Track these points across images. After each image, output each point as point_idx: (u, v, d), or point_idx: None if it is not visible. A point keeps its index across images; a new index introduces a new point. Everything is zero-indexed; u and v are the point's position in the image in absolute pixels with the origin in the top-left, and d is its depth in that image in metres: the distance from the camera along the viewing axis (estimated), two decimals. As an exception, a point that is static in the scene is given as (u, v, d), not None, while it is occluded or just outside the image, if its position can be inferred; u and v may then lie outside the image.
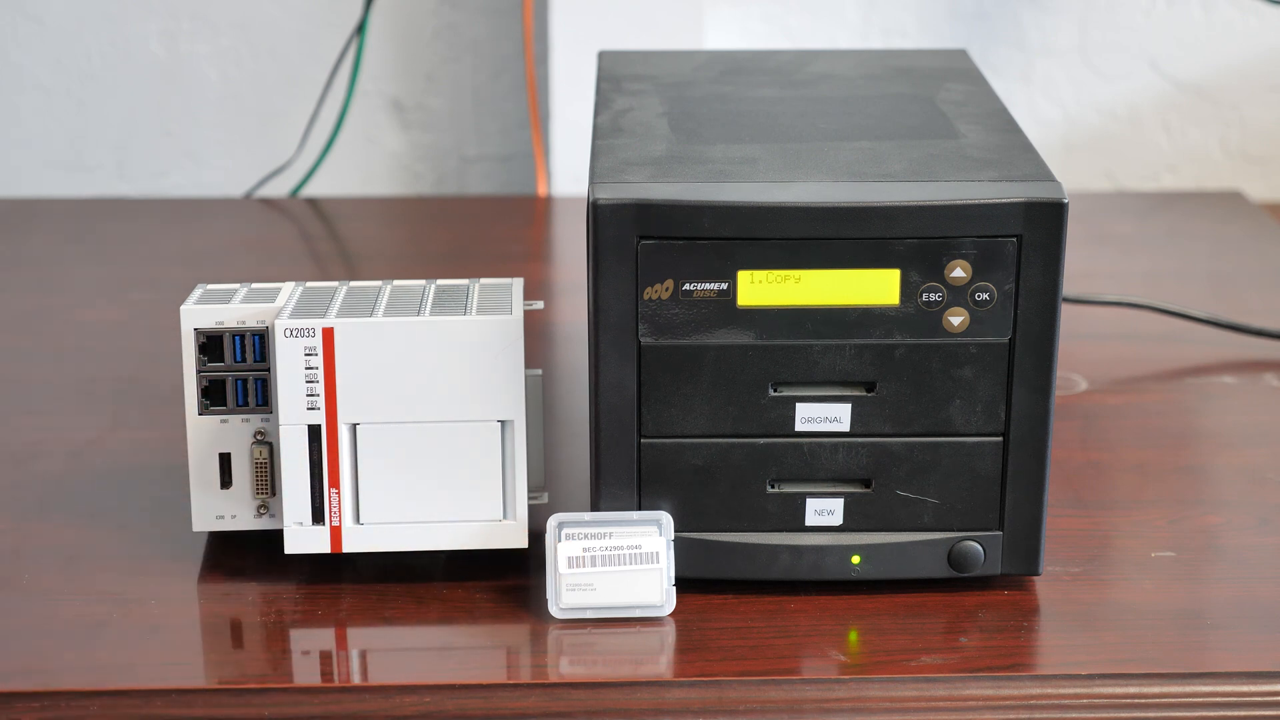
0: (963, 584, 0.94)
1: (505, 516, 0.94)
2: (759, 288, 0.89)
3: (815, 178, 0.91)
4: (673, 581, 0.91)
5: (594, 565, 0.90)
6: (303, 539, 0.94)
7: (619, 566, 0.90)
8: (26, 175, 1.73)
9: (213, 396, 0.95)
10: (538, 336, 1.30)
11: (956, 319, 0.90)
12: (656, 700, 0.86)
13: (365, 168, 1.74)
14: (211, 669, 0.88)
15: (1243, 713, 0.86)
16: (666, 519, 0.91)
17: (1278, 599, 0.94)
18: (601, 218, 0.88)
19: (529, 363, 0.94)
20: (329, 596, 0.94)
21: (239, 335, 0.94)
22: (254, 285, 0.98)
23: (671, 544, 0.91)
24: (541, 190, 1.66)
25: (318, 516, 0.93)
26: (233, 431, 0.95)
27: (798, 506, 0.93)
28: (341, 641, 0.91)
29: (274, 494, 0.96)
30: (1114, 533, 1.01)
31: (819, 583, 0.93)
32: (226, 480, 0.96)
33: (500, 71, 1.71)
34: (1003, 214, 0.88)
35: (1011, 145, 0.96)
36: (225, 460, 0.96)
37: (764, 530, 0.93)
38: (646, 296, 0.89)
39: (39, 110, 1.71)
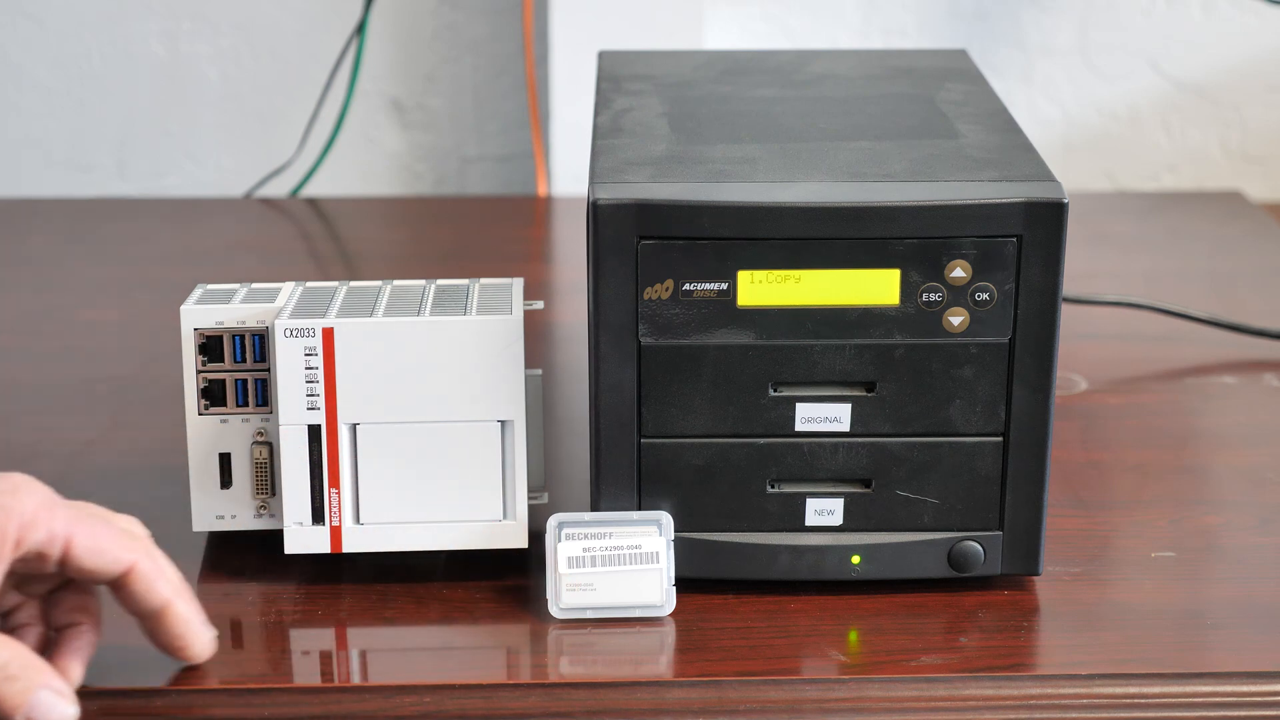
0: (963, 584, 0.94)
1: (505, 516, 0.94)
2: (759, 288, 0.89)
3: (815, 178, 0.91)
4: (673, 581, 0.91)
5: (594, 565, 0.90)
6: (303, 539, 0.94)
7: (619, 566, 0.91)
8: (26, 175, 1.73)
9: (213, 396, 0.95)
10: (538, 336, 1.30)
11: (956, 319, 0.90)
12: (656, 700, 0.86)
13: (365, 168, 1.74)
14: (211, 669, 0.88)
15: (1243, 713, 0.86)
16: (666, 519, 0.91)
17: (1278, 599, 0.94)
18: (601, 218, 0.88)
19: (529, 363, 0.94)
20: (329, 596, 0.94)
21: (239, 335, 0.94)
22: (254, 285, 0.98)
23: (671, 544, 0.91)
24: (541, 190, 1.66)
25: (318, 516, 0.93)
26: (233, 431, 0.95)
27: (798, 506, 0.93)
28: (341, 641, 0.91)
29: (274, 494, 0.96)
30: (1114, 533, 1.01)
31: (819, 583, 0.93)
32: (226, 480, 0.96)
33: (500, 71, 1.71)
34: (1003, 214, 0.88)
35: (1011, 145, 0.96)
36: (225, 460, 0.96)
37: (764, 530, 0.93)
38: (646, 296, 0.89)
39: (39, 110, 1.71)
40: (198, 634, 0.86)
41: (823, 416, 0.91)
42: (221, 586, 0.94)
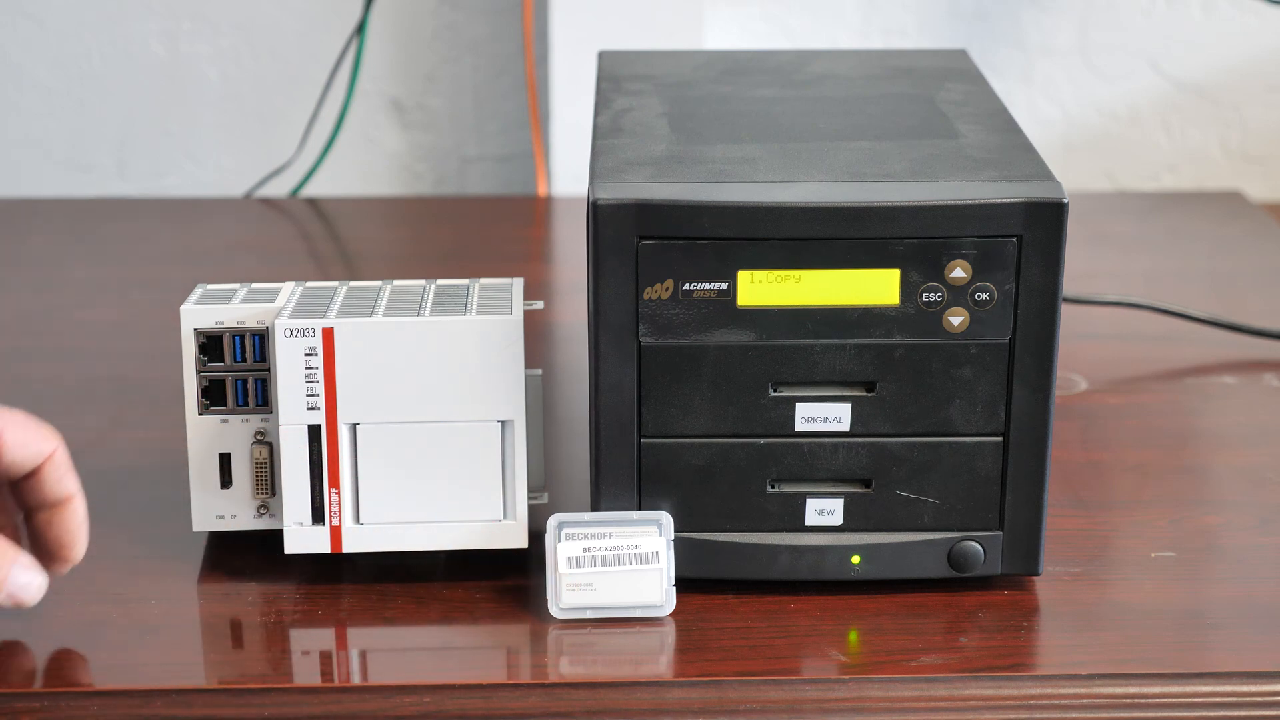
0: (963, 584, 0.94)
1: (505, 516, 0.94)
2: (759, 288, 0.89)
3: (815, 178, 0.91)
4: (673, 581, 0.91)
5: (594, 565, 0.90)
6: (303, 539, 0.94)
7: (619, 566, 0.91)
8: (26, 175, 1.73)
9: (213, 396, 0.95)
10: (538, 336, 1.30)
11: (956, 319, 0.90)
12: (656, 700, 0.86)
13: (365, 168, 1.74)
14: (211, 669, 0.88)
15: (1243, 713, 0.86)
16: (666, 519, 0.91)
17: (1278, 599, 0.94)
18: (601, 218, 0.88)
19: (529, 363, 0.94)
20: (329, 596, 0.94)
21: (239, 335, 0.94)
22: (254, 285, 0.98)
23: (671, 544, 0.91)
24: (541, 190, 1.66)
25: (318, 516, 0.93)
26: (233, 431, 0.95)
27: (798, 506, 0.93)
28: (341, 641, 0.91)
29: (274, 494, 0.96)
30: (1114, 533, 1.01)
31: (819, 583, 0.93)
32: (226, 480, 0.96)
33: (500, 71, 1.71)
34: (1003, 214, 0.88)
35: (1011, 145, 0.96)
36: (225, 460, 0.96)
37: (764, 530, 0.93)
38: (646, 296, 0.89)
39: (39, 110, 1.71)
40: (86, 536, 0.87)
41: (823, 416, 0.91)
42: (221, 586, 0.94)
